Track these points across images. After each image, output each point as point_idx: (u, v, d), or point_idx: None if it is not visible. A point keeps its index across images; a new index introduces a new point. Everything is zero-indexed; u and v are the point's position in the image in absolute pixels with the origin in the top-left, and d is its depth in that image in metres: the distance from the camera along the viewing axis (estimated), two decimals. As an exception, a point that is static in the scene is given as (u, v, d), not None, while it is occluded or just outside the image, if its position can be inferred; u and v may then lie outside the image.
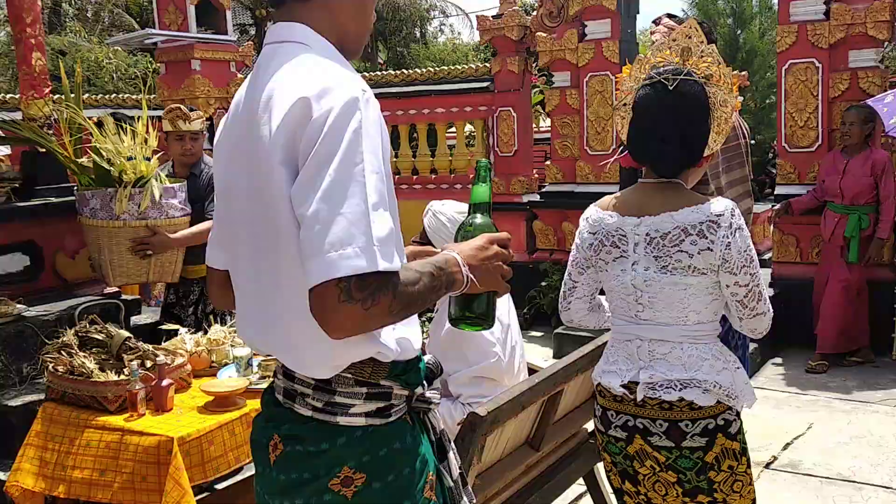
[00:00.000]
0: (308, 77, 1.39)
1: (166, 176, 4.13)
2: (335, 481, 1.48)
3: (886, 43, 6.11)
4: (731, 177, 3.23)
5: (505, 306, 2.91)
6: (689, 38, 2.28)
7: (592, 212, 2.33)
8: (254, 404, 3.10)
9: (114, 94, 8.75)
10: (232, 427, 2.96)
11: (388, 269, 1.31)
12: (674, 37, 2.30)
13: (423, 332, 1.73)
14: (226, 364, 3.45)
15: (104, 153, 3.88)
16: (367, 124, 1.35)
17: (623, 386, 2.18)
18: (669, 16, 3.18)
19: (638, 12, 7.34)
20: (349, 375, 1.48)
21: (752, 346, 5.66)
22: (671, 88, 2.14)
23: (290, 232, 1.38)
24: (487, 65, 7.94)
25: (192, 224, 4.10)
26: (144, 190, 3.87)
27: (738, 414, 2.17)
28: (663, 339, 2.15)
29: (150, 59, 13.69)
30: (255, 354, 3.48)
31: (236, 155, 1.51)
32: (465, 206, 2.90)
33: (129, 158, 3.87)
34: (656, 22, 3.18)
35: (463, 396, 2.69)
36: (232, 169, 1.54)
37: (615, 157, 3.03)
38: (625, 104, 2.31)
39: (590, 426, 3.35)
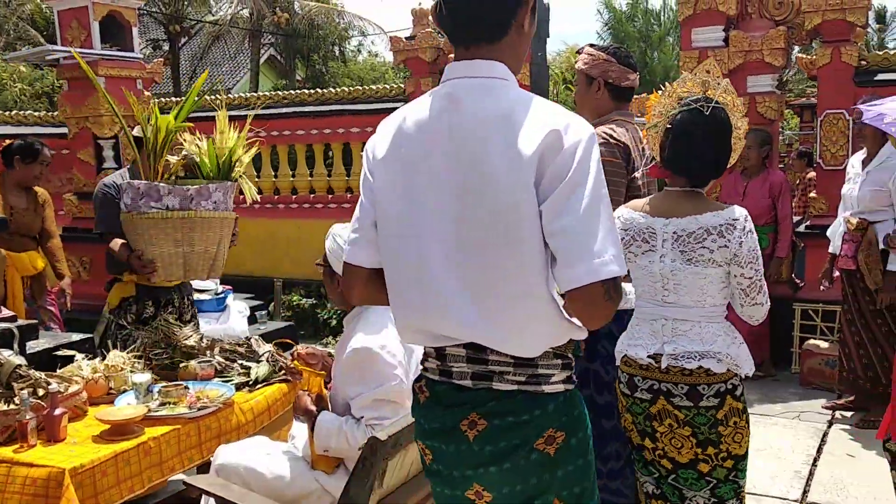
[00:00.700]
0: (551, 112, 1.68)
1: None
2: (540, 441, 1.75)
3: (784, 69, 6.39)
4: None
5: None
6: (708, 72, 2.76)
7: (624, 212, 2.72)
8: (152, 432, 3.01)
9: (15, 111, 8.44)
10: (128, 457, 2.87)
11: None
12: (695, 71, 2.77)
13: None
14: (124, 391, 3.35)
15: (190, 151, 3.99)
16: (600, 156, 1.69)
17: (649, 356, 2.61)
18: (591, 45, 3.34)
19: (548, 36, 7.46)
20: (550, 350, 1.77)
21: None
22: (706, 114, 2.58)
23: (532, 238, 1.66)
24: (402, 85, 7.97)
25: None
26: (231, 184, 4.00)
27: (741, 379, 2.63)
28: (686, 319, 2.61)
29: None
30: (155, 380, 3.40)
31: (443, 168, 1.71)
32: None
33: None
34: (579, 52, 3.37)
35: (365, 419, 2.67)
36: (433, 181, 1.73)
37: (643, 168, 3.17)
38: (656, 125, 2.74)
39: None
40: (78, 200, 6.76)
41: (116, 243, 3.95)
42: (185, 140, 3.91)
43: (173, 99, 9.64)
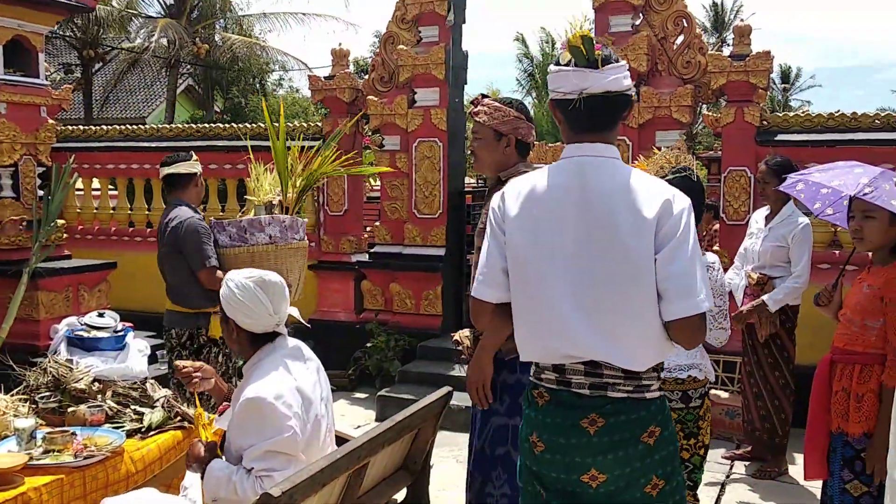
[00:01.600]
0: (659, 185, 2.27)
1: None
2: (644, 435, 2.26)
3: (691, 125, 6.63)
4: None
5: (311, 379, 2.83)
6: (679, 149, 3.70)
7: None
8: (33, 482, 2.84)
9: None
10: (3, 510, 2.69)
11: None
12: (672, 147, 3.69)
13: None
14: (6, 437, 3.15)
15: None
16: None
17: None
18: (485, 96, 3.36)
19: (466, 82, 7.60)
20: (652, 366, 2.28)
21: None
22: (694, 179, 3.29)
23: (649, 280, 2.19)
24: (319, 123, 7.93)
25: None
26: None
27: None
28: None
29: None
30: (39, 426, 3.21)
31: (573, 226, 2.25)
32: (256, 273, 2.84)
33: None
34: (475, 103, 3.35)
35: (255, 470, 2.59)
36: (564, 236, 2.26)
37: None
38: None
39: (400, 496, 3.32)
40: (-29, 229, 6.44)
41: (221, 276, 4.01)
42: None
43: (80, 127, 9.34)
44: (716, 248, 6.70)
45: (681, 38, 6.54)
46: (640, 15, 6.60)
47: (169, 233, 4.51)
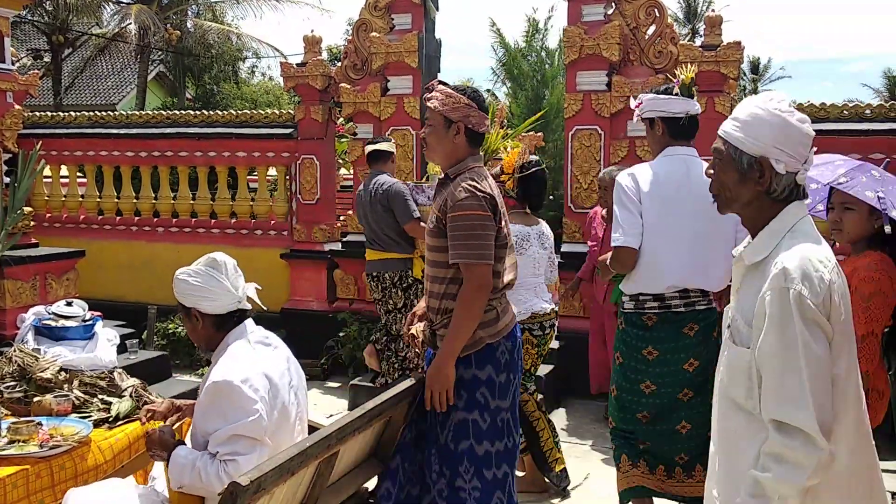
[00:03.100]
0: None
1: None
2: (714, 332, 3.55)
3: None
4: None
5: (280, 366, 2.82)
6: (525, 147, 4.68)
7: (514, 228, 4.25)
8: (-2, 473, 2.81)
9: None
10: (-34, 501, 2.66)
11: None
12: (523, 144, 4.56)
13: None
14: (-31, 428, 3.11)
15: None
16: None
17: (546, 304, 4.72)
18: (443, 83, 3.27)
19: (439, 70, 7.58)
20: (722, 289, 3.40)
21: (540, 396, 5.89)
22: (543, 168, 4.61)
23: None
24: (291, 111, 7.87)
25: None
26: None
27: None
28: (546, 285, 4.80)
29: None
30: (4, 416, 3.18)
31: (686, 201, 3.48)
32: (202, 258, 2.84)
33: None
34: (429, 89, 3.27)
35: (219, 454, 2.58)
36: (680, 208, 3.50)
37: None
38: (511, 175, 4.53)
39: (371, 485, 3.32)
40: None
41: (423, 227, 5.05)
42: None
43: (48, 114, 9.19)
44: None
45: (652, 28, 6.56)
46: (613, 4, 6.62)
47: (381, 195, 5.55)
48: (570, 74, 6.70)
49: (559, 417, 6.09)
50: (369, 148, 5.86)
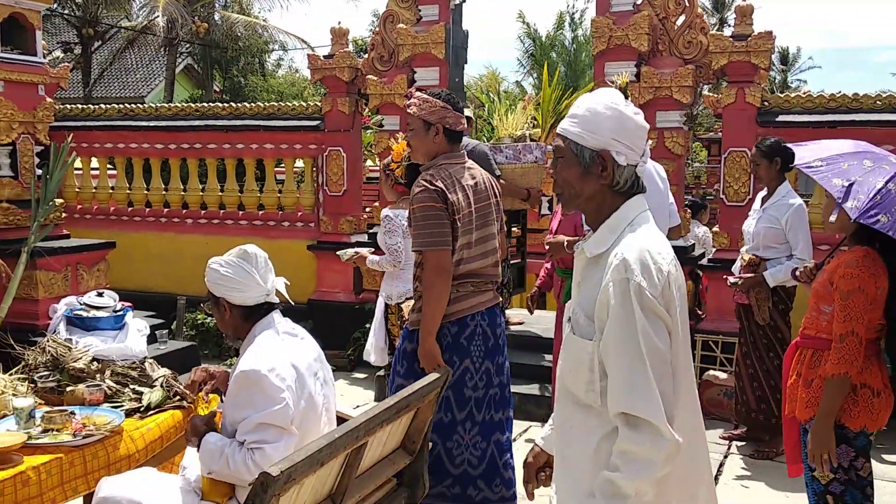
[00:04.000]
0: None
1: None
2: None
3: (692, 106, 6.60)
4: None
5: (308, 356, 2.84)
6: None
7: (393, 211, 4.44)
8: (32, 461, 2.85)
9: None
10: (2, 487, 2.71)
11: None
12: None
13: None
14: (5, 416, 3.16)
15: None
16: None
17: None
18: (420, 90, 3.70)
19: (466, 62, 7.56)
20: None
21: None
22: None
23: None
24: (318, 103, 7.89)
25: None
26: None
27: None
28: None
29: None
30: (38, 405, 3.22)
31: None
32: (235, 249, 2.88)
33: None
34: (407, 96, 3.69)
35: (246, 442, 2.61)
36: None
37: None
38: (405, 163, 4.56)
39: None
40: (-31, 209, 6.42)
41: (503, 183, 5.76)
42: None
43: (79, 106, 9.30)
44: (715, 229, 6.69)
45: (682, 18, 6.49)
46: (642, -6, 6.55)
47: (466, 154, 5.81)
48: (598, 65, 6.65)
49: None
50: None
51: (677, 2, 6.47)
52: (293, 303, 3.22)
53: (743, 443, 5.37)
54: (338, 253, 5.79)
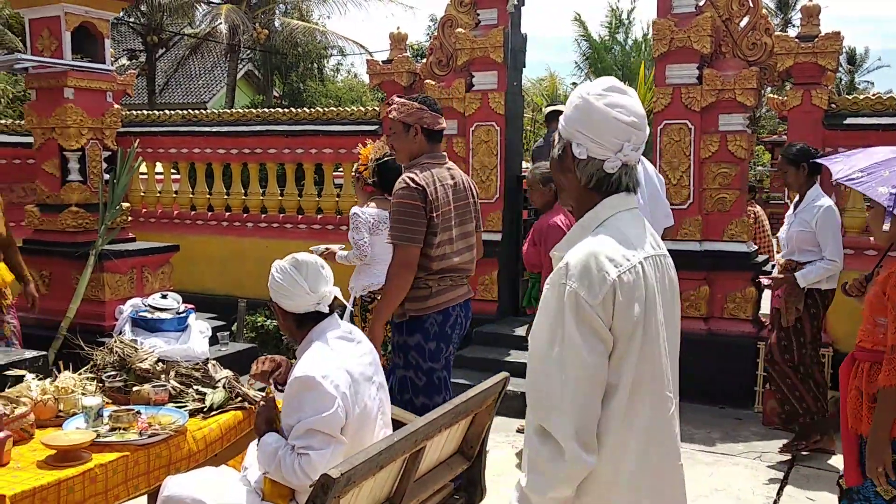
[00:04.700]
0: None
1: None
2: None
3: (756, 109, 6.47)
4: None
5: (362, 361, 2.86)
6: (383, 142, 4.72)
7: (368, 209, 4.50)
8: (100, 459, 2.92)
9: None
10: (72, 484, 2.77)
11: None
12: (379, 141, 4.66)
13: None
14: (74, 414, 3.25)
15: None
16: None
17: None
18: (399, 97, 3.96)
19: (524, 65, 7.53)
20: None
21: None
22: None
23: None
24: (376, 108, 7.95)
25: None
26: None
27: None
28: None
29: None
30: (106, 404, 3.30)
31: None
32: (292, 255, 2.93)
33: None
34: (388, 104, 4.05)
35: (296, 447, 2.64)
36: None
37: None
38: (367, 166, 4.85)
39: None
40: (40, 212, 6.63)
41: None
42: None
43: (144, 112, 9.53)
44: (766, 225, 6.54)
45: (746, 19, 6.36)
46: (705, -5, 6.45)
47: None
48: (659, 68, 6.56)
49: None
50: (548, 109, 6.86)
51: (741, 3, 6.34)
52: (349, 306, 3.25)
53: (806, 453, 5.23)
54: (310, 249, 5.89)
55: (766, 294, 5.85)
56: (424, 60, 7.65)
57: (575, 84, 32.30)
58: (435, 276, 3.80)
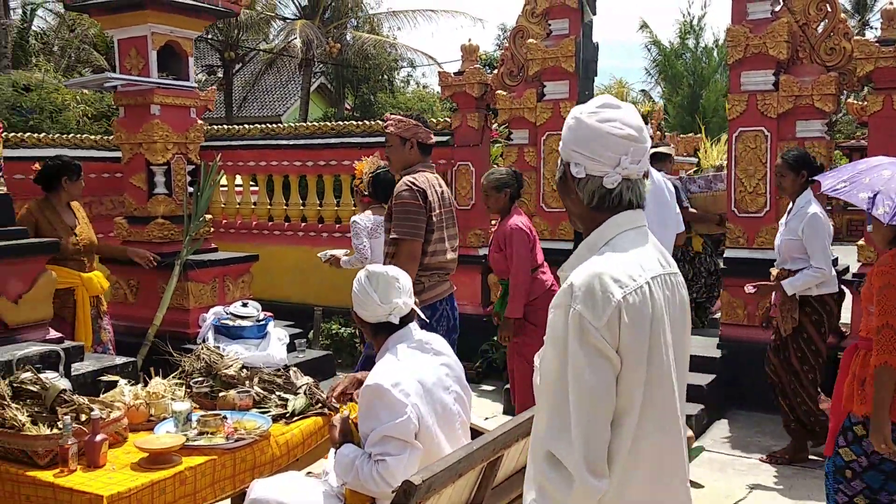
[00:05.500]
0: None
1: None
2: None
3: (834, 115, 6.32)
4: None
5: (438, 371, 2.90)
6: (377, 156, 5.38)
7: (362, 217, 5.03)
8: (189, 462, 3.05)
9: (72, 134, 8.69)
10: (163, 486, 2.91)
11: None
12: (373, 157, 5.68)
13: None
14: (164, 418, 3.40)
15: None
16: None
17: None
18: (392, 114, 4.39)
19: (596, 74, 7.50)
20: None
21: (698, 407, 5.73)
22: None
23: None
24: (447, 119, 8.04)
25: None
26: None
27: None
28: None
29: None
30: (195, 409, 3.44)
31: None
32: (369, 267, 3.03)
33: None
34: (384, 119, 4.38)
35: (373, 454, 2.70)
36: None
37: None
38: (368, 177, 5.67)
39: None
40: (128, 224, 6.91)
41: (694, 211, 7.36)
42: None
43: (224, 126, 9.84)
44: (860, 242, 6.37)
45: (823, 24, 6.23)
46: (780, 1, 6.34)
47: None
48: (733, 74, 6.47)
49: (721, 429, 5.89)
50: (652, 150, 6.84)
51: (819, 7, 6.21)
52: (425, 319, 3.32)
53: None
54: (318, 255, 6.27)
55: (847, 302, 5.70)
56: (495, 71, 7.71)
57: (644, 91, 31.97)
58: (427, 272, 4.19)
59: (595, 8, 7.28)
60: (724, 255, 6.65)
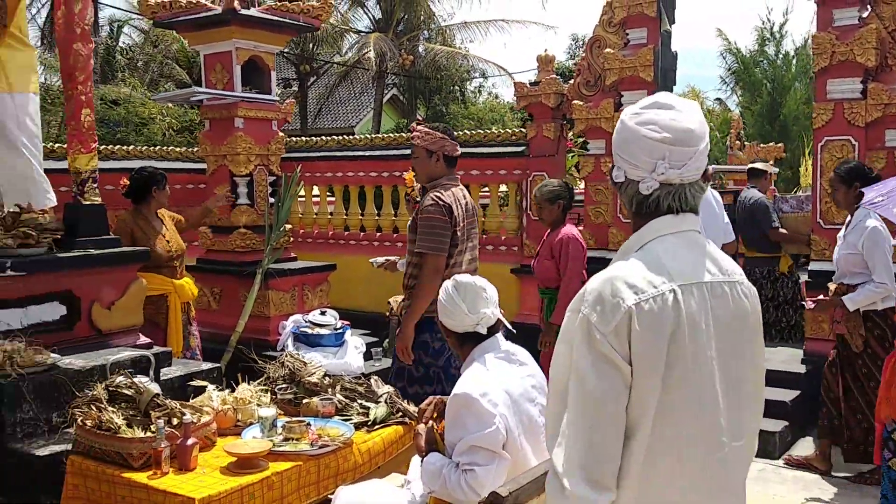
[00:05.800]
0: None
1: None
2: None
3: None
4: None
5: (524, 382, 2.89)
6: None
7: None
8: (276, 467, 3.11)
9: (159, 147, 9.00)
10: (252, 490, 2.98)
11: None
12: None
13: None
14: (251, 424, 3.47)
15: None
16: None
17: None
18: (419, 123, 4.39)
19: (675, 83, 7.42)
20: None
21: (781, 424, 5.58)
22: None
23: None
24: (523, 129, 8.04)
25: None
26: None
27: None
28: None
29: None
30: (280, 415, 3.51)
31: None
32: (457, 276, 3.03)
33: None
34: (411, 130, 4.37)
35: (460, 463, 2.71)
36: None
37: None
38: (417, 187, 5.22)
39: None
40: (212, 234, 7.11)
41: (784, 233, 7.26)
42: None
43: (303, 138, 10.04)
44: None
45: (916, 29, 6.03)
46: (868, 7, 6.15)
47: (748, 207, 7.23)
48: (819, 82, 6.30)
49: (806, 446, 5.71)
50: (749, 166, 7.96)
51: (910, 12, 6.02)
52: (511, 329, 3.31)
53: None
54: (370, 261, 6.24)
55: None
56: (571, 81, 7.68)
57: (719, 100, 31.30)
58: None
59: (674, 17, 7.19)
60: (809, 268, 6.46)
